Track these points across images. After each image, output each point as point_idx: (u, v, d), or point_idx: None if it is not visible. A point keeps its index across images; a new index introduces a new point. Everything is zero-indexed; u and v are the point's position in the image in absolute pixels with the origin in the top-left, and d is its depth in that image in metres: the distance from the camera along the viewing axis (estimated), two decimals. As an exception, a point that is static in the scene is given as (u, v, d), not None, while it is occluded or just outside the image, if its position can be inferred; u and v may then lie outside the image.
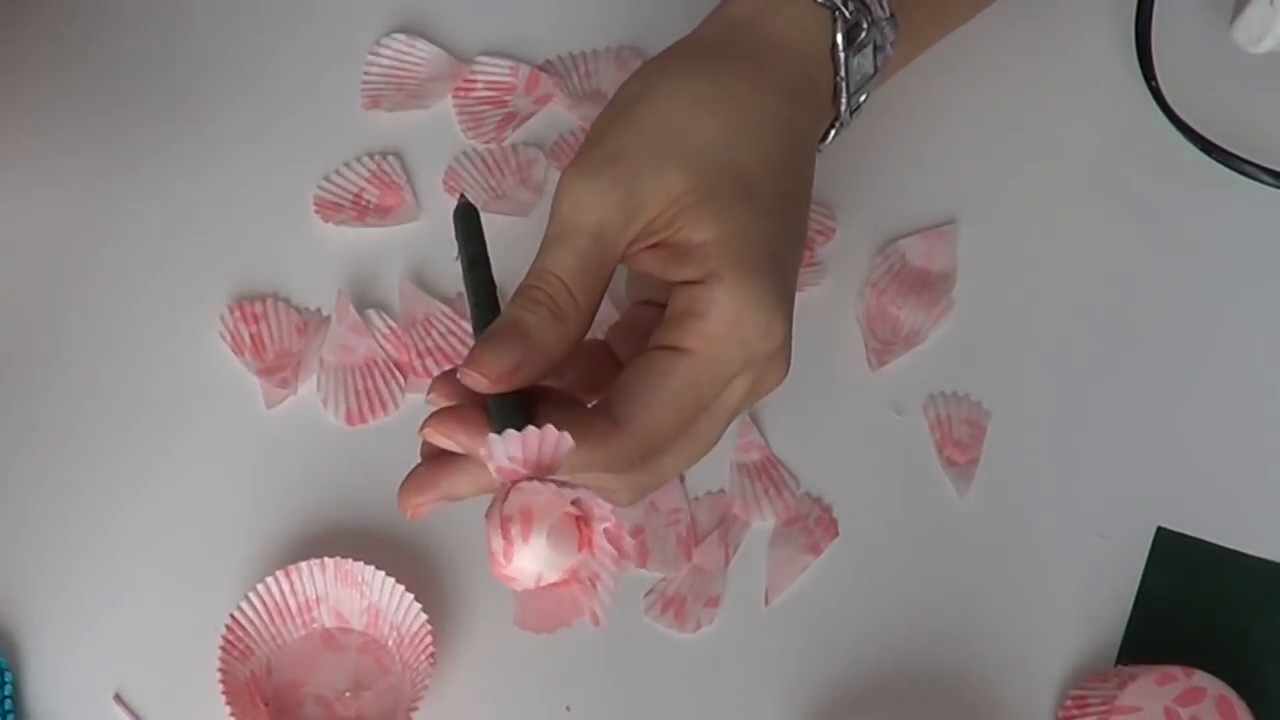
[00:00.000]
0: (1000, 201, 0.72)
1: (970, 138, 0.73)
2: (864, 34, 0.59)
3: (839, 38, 0.59)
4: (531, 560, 0.46)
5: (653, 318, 0.55)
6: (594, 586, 0.47)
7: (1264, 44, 0.69)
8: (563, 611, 0.48)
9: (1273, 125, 0.73)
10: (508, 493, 0.46)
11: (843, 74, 0.59)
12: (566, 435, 0.46)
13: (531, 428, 0.46)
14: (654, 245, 0.53)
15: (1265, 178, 0.71)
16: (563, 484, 0.47)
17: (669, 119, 0.54)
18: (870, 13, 0.60)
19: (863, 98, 0.61)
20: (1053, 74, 0.75)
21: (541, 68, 0.74)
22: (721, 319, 0.52)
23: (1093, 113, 0.75)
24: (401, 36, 0.74)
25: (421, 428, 0.51)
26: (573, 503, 0.47)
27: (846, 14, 0.59)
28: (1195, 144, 0.72)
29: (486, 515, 0.47)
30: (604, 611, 0.47)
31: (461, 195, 0.58)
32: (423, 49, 0.74)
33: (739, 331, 0.52)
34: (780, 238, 0.54)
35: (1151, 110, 0.73)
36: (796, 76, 0.58)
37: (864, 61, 0.60)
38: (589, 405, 0.53)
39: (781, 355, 0.54)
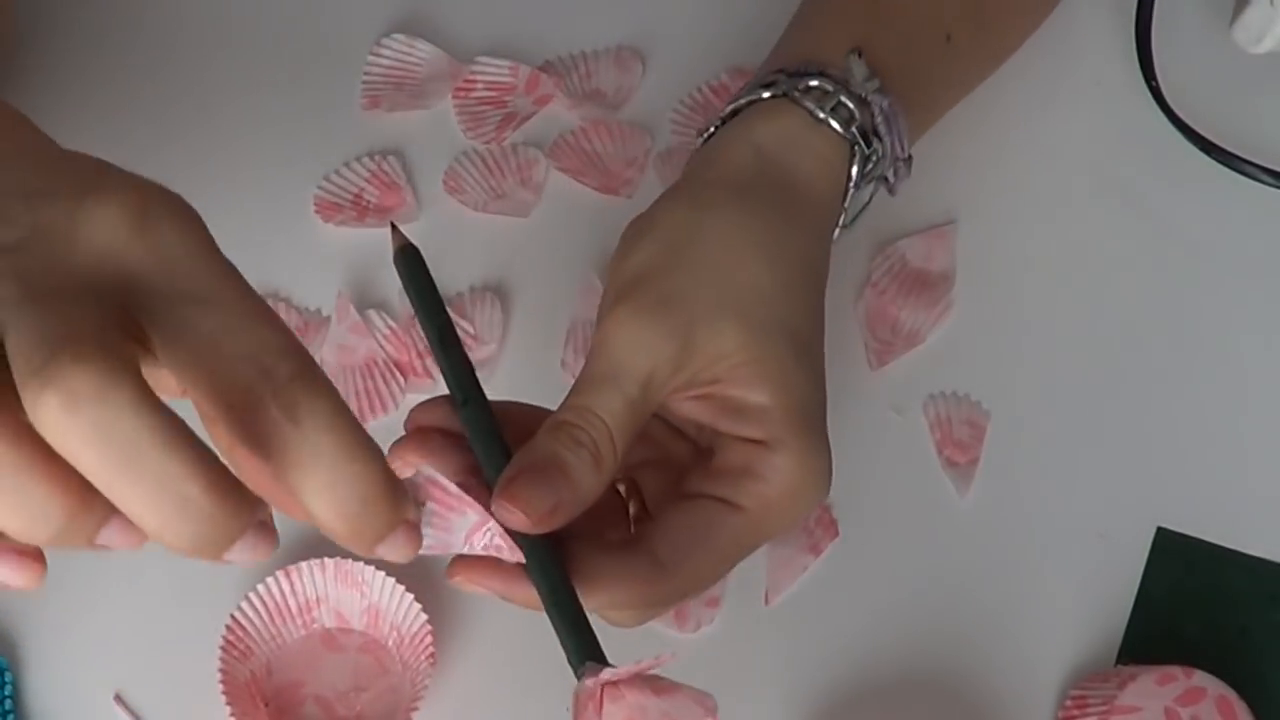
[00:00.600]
0: (1000, 201, 0.72)
1: (970, 138, 0.73)
2: (871, 165, 0.59)
3: (854, 170, 0.59)
4: None
5: (674, 454, 0.54)
6: None
7: (1264, 44, 0.69)
8: None
9: (1273, 125, 0.73)
10: (600, 699, 0.44)
11: (846, 205, 0.59)
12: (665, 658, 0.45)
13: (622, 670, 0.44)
14: (699, 396, 0.52)
15: (1265, 178, 0.71)
16: (660, 687, 0.45)
17: (724, 266, 0.53)
18: (884, 147, 0.60)
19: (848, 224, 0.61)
20: (1053, 74, 0.75)
21: (541, 68, 0.74)
22: (783, 487, 0.52)
23: (1093, 113, 0.75)
24: (401, 36, 0.74)
25: (451, 572, 0.50)
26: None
27: (865, 148, 0.59)
28: (1195, 144, 0.72)
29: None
30: None
31: (393, 233, 0.53)
32: (423, 49, 0.74)
33: (798, 502, 0.52)
34: (822, 396, 0.54)
35: (1151, 110, 0.73)
36: (825, 221, 0.58)
37: (864, 193, 0.61)
38: (617, 538, 0.53)
39: (818, 504, 0.55)
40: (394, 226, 0.53)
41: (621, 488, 0.55)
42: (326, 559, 0.61)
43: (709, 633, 0.63)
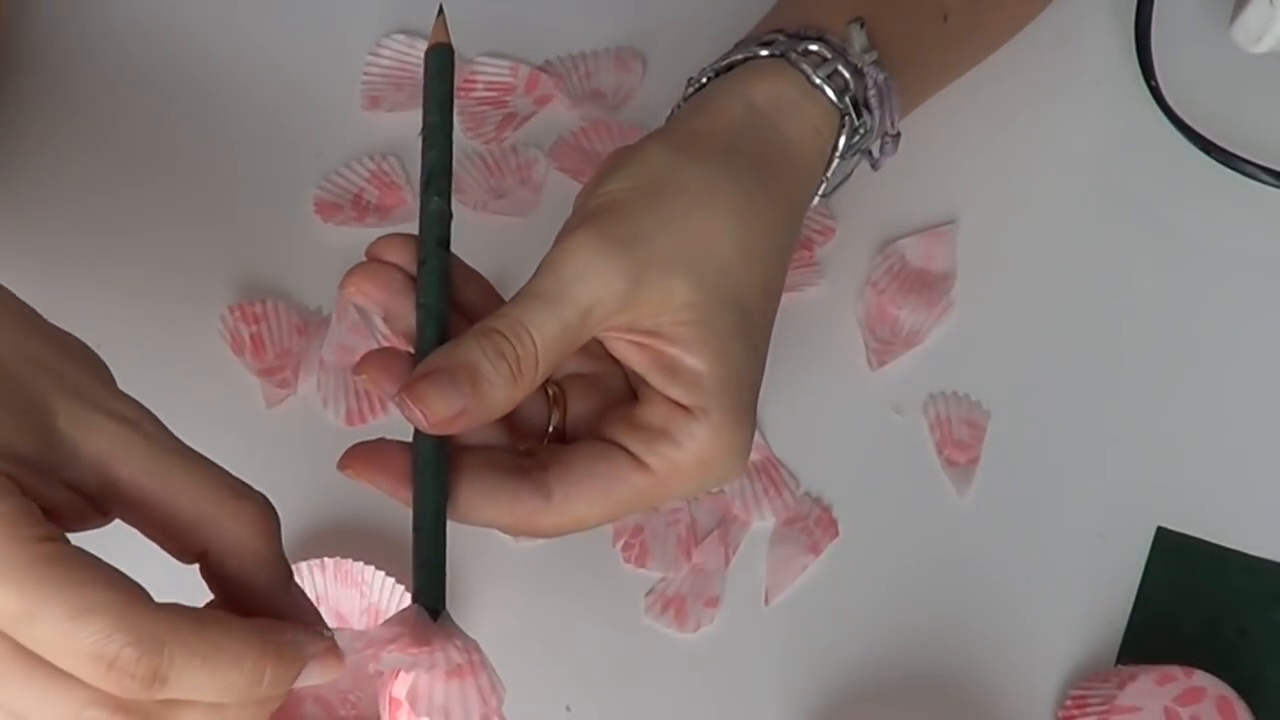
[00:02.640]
0: (1000, 201, 0.72)
1: (970, 138, 0.73)
2: (859, 138, 0.59)
3: (841, 141, 0.58)
4: None
5: (610, 374, 0.54)
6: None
7: (1264, 44, 0.69)
8: None
9: (1273, 125, 0.73)
10: (396, 672, 0.45)
11: (828, 174, 0.59)
12: (475, 647, 0.47)
13: (439, 632, 0.45)
14: (637, 343, 0.52)
15: (1265, 178, 0.71)
16: (452, 672, 0.46)
17: (691, 221, 0.52)
18: (873, 120, 0.59)
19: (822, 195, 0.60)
20: (1053, 74, 0.75)
21: (541, 68, 0.74)
22: (694, 455, 0.51)
23: (1093, 113, 0.75)
24: (401, 36, 0.74)
25: (342, 464, 0.51)
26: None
27: (854, 120, 0.58)
28: (1195, 144, 0.72)
29: (379, 686, 0.46)
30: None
31: (440, 12, 0.54)
32: (423, 49, 0.74)
33: (707, 471, 0.52)
34: (759, 373, 0.54)
35: (1151, 110, 0.73)
36: (803, 190, 0.57)
37: (848, 165, 0.60)
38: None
39: (730, 479, 0.54)
40: (442, 11, 0.53)
41: (551, 392, 0.54)
42: (326, 559, 0.61)
43: (709, 633, 0.63)
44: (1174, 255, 0.71)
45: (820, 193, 0.59)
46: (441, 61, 0.52)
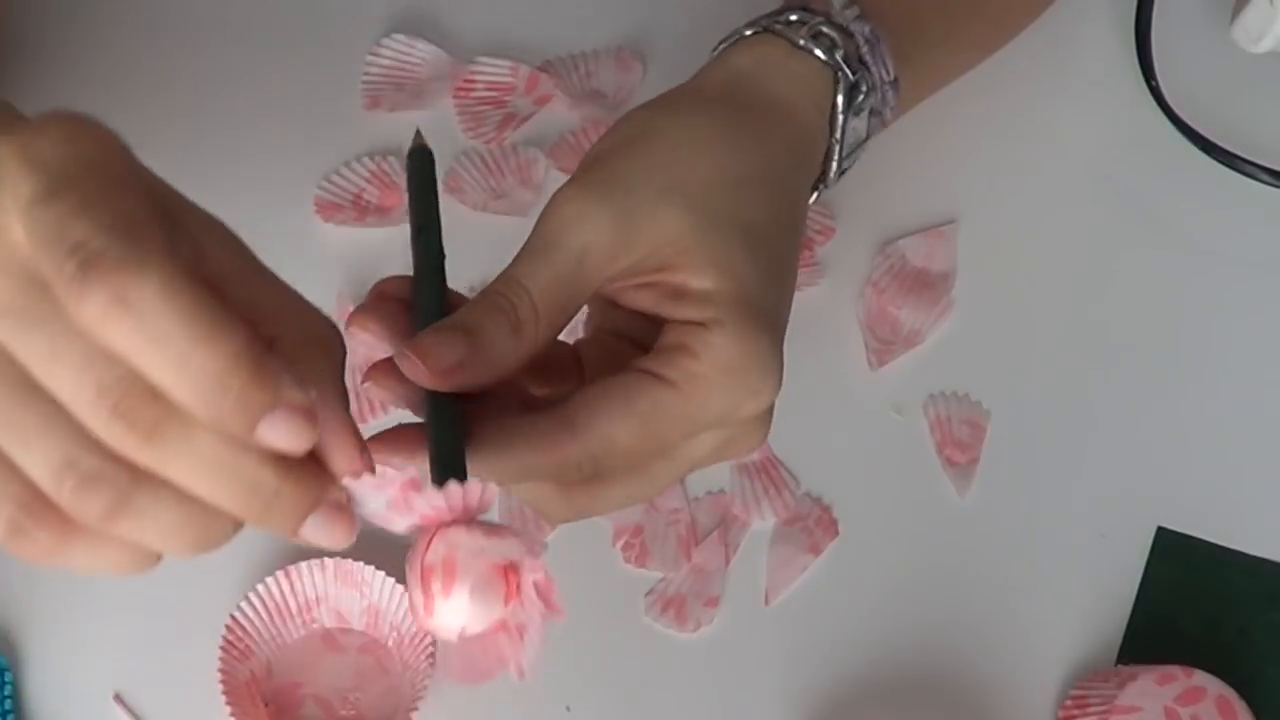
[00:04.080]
0: (1000, 201, 0.72)
1: (970, 138, 0.73)
2: (863, 97, 0.59)
3: (839, 99, 0.58)
4: (454, 615, 0.43)
5: (627, 351, 0.53)
6: (521, 637, 0.44)
7: (1264, 44, 0.69)
8: (488, 664, 0.45)
9: (1273, 125, 0.73)
10: (430, 539, 0.44)
11: (839, 136, 0.58)
12: (493, 486, 0.44)
13: (454, 485, 0.43)
14: (646, 284, 0.51)
15: (1265, 178, 0.71)
16: (490, 530, 0.43)
17: (674, 156, 0.52)
18: (872, 75, 0.59)
19: (850, 161, 0.60)
20: (1053, 74, 0.75)
21: (541, 68, 0.74)
22: (714, 363, 0.49)
23: (1093, 113, 0.75)
24: (401, 37, 0.74)
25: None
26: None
27: (849, 75, 0.58)
28: (1195, 144, 0.72)
29: (408, 561, 0.44)
30: (531, 666, 0.44)
31: (417, 133, 0.53)
32: (423, 49, 0.74)
33: (728, 381, 0.50)
34: (776, 293, 0.52)
35: (1151, 110, 0.73)
36: (798, 137, 0.57)
37: (859, 125, 0.60)
38: (538, 395, 0.51)
39: (763, 422, 0.52)
40: (419, 133, 0.52)
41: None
42: (326, 559, 0.61)
43: (709, 633, 0.63)
44: (1174, 255, 0.71)
45: (837, 160, 0.59)
46: (421, 163, 0.52)
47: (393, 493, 0.42)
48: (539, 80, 0.73)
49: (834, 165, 0.59)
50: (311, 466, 0.41)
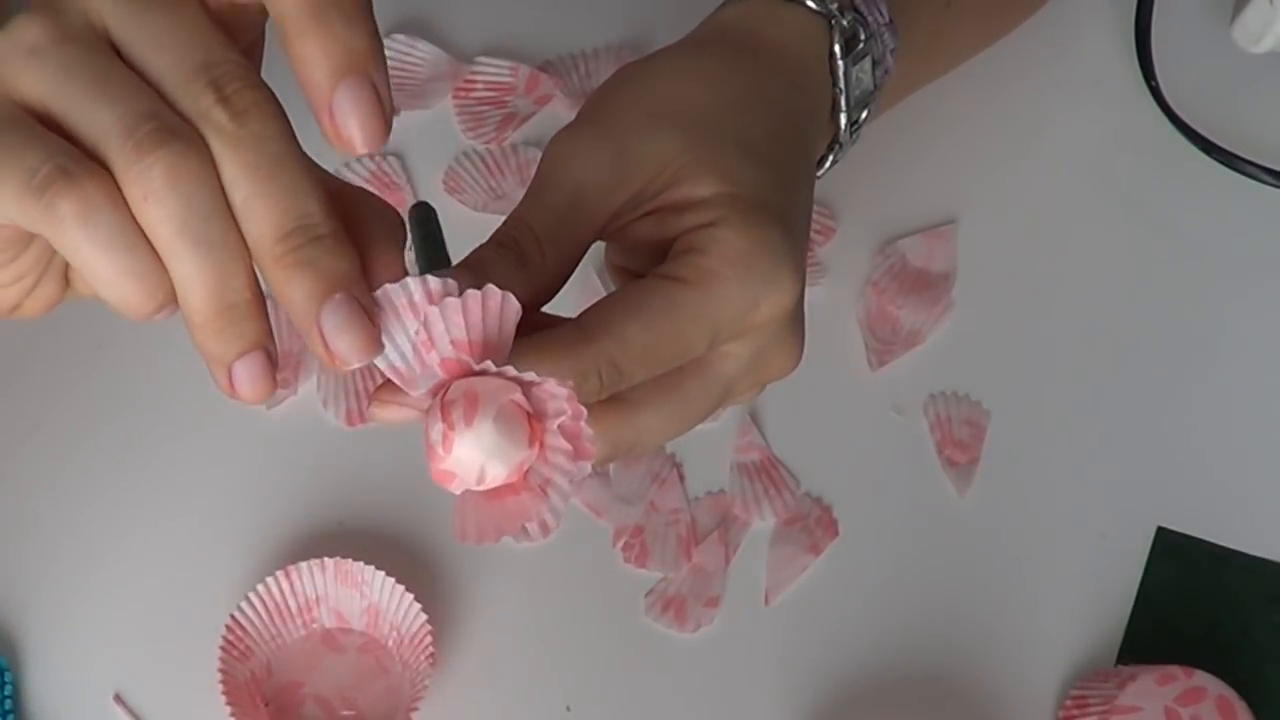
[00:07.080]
0: (1000, 201, 0.72)
1: (970, 138, 0.73)
2: (862, 44, 0.58)
3: (836, 47, 0.57)
4: (475, 448, 0.40)
5: None
6: (545, 493, 0.41)
7: (1264, 44, 0.69)
8: (507, 518, 0.41)
9: (1273, 125, 0.73)
10: (449, 386, 0.41)
11: (841, 85, 0.58)
12: (511, 297, 0.42)
13: (471, 291, 0.40)
14: (651, 211, 0.51)
15: (1265, 178, 0.71)
16: (513, 377, 0.41)
17: (664, 87, 0.53)
18: (867, 23, 0.59)
19: (863, 114, 0.59)
20: (1053, 74, 0.75)
21: (541, 68, 0.74)
22: (723, 256, 0.49)
23: (1093, 113, 0.75)
24: (401, 37, 0.74)
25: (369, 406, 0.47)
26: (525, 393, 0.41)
27: (843, 23, 0.58)
28: (1195, 144, 0.72)
29: (426, 411, 0.42)
30: (555, 519, 0.41)
31: (419, 203, 0.53)
32: (423, 49, 0.74)
33: (740, 271, 0.48)
34: (787, 203, 0.52)
35: (1151, 110, 0.73)
36: (794, 74, 0.56)
37: (863, 75, 0.59)
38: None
39: (791, 330, 0.51)
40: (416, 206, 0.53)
41: None
42: (326, 559, 0.61)
43: (709, 633, 0.63)
44: (1174, 255, 0.71)
45: (845, 111, 0.58)
46: (424, 214, 0.52)
47: (417, 326, 0.41)
48: (539, 80, 0.73)
49: (843, 118, 0.58)
50: (351, 250, 0.43)
